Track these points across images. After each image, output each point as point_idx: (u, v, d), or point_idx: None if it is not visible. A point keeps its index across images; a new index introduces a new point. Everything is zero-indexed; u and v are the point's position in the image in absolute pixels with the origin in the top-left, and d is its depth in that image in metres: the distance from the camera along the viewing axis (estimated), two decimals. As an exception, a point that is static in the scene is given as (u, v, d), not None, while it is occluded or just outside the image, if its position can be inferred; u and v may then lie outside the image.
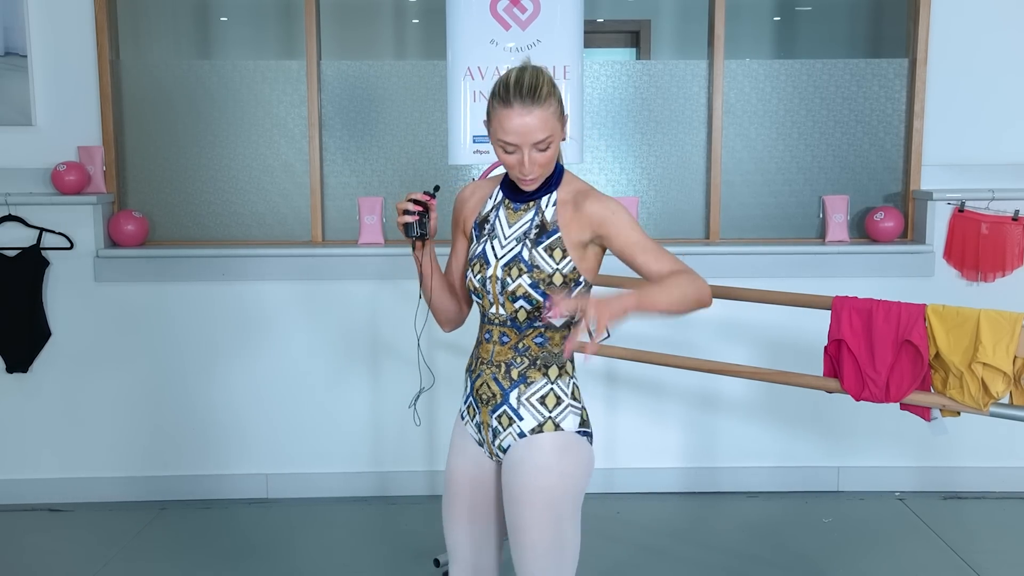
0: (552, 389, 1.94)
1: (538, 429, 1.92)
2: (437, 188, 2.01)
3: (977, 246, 3.81)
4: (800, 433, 3.95)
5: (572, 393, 1.96)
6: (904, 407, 2.59)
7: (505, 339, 1.96)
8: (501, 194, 2.00)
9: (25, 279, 3.78)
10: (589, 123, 3.94)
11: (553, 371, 1.95)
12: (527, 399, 1.93)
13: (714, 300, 3.58)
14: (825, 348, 2.62)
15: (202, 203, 3.96)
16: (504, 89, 1.85)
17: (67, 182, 3.74)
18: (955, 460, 3.93)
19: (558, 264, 1.90)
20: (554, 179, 1.95)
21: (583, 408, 1.97)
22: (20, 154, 3.82)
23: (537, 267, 1.90)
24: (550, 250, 1.91)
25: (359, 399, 3.94)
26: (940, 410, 2.50)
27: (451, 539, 2.07)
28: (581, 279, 1.94)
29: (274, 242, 3.95)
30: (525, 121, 1.82)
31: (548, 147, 1.86)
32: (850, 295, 2.61)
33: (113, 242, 3.88)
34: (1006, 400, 2.41)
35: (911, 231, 3.96)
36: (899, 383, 2.50)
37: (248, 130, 3.94)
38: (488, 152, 3.85)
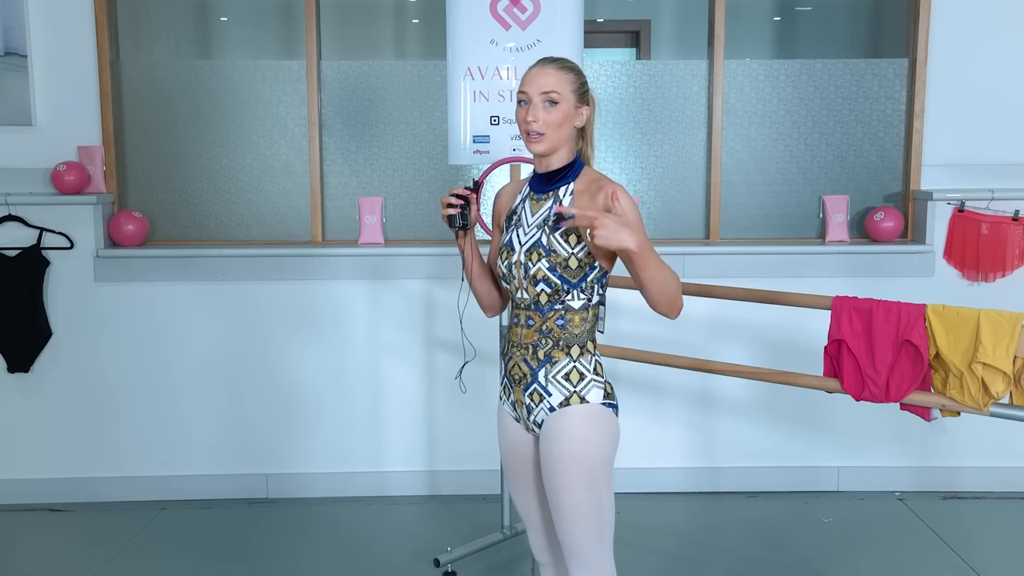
0: (575, 367, 2.08)
1: (565, 403, 2.07)
2: (476, 183, 2.21)
3: (977, 246, 3.81)
4: (800, 433, 3.95)
5: (595, 369, 2.11)
6: (904, 407, 2.59)
7: (531, 322, 2.10)
8: (528, 188, 2.17)
9: (25, 279, 3.78)
10: (589, 123, 3.94)
11: (575, 351, 2.09)
12: (553, 376, 2.08)
13: (714, 300, 3.60)
14: (825, 348, 2.62)
15: (202, 203, 3.96)
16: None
17: (67, 182, 3.74)
18: (955, 460, 3.93)
19: (573, 249, 2.03)
20: (573, 171, 2.10)
21: (606, 382, 2.12)
22: (20, 154, 3.82)
23: (554, 251, 2.03)
24: (566, 235, 2.03)
25: (359, 399, 3.94)
26: (940, 410, 2.50)
27: (520, 508, 2.26)
28: (596, 264, 2.06)
29: (274, 242, 3.95)
30: (539, 73, 2.05)
31: (556, 105, 2.03)
32: (850, 295, 2.61)
33: (113, 242, 3.88)
34: (1006, 400, 2.41)
35: (911, 231, 3.96)
36: (899, 383, 2.50)
37: (248, 130, 3.94)
38: (488, 152, 3.85)
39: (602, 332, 2.15)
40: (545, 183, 2.11)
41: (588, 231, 1.87)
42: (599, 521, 2.05)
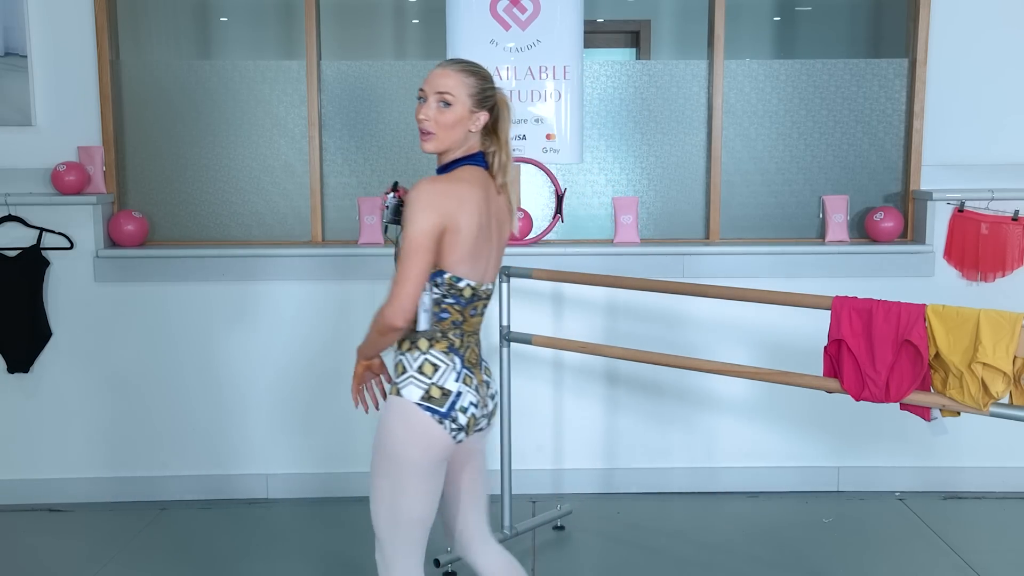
0: (401, 360, 2.15)
1: (391, 392, 2.16)
2: (395, 183, 2.30)
3: (977, 246, 3.81)
4: (800, 433, 3.95)
5: (420, 368, 2.12)
6: (904, 407, 2.58)
7: None
8: None
9: (25, 279, 3.78)
10: (589, 123, 3.95)
11: (405, 344, 2.15)
12: (393, 364, 2.20)
13: (714, 300, 3.60)
14: (825, 348, 2.62)
15: (202, 203, 3.96)
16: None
17: (67, 182, 3.74)
18: (955, 460, 3.93)
19: (399, 241, 2.14)
20: (448, 170, 2.15)
21: (432, 384, 2.10)
22: (20, 154, 3.82)
23: (394, 241, 2.18)
24: (400, 226, 2.16)
25: (359, 399, 3.94)
26: (940, 410, 2.50)
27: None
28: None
29: (274, 242, 3.95)
30: (440, 73, 2.11)
31: (449, 107, 2.09)
32: (850, 295, 2.61)
33: (113, 242, 3.88)
34: (1006, 400, 2.41)
35: (911, 231, 3.96)
36: (899, 383, 2.50)
37: (248, 130, 3.94)
38: (488, 152, 3.85)
39: (423, 328, 2.10)
40: None
41: None
42: (394, 513, 2.13)
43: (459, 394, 2.12)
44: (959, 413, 2.49)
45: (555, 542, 3.55)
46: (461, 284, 2.10)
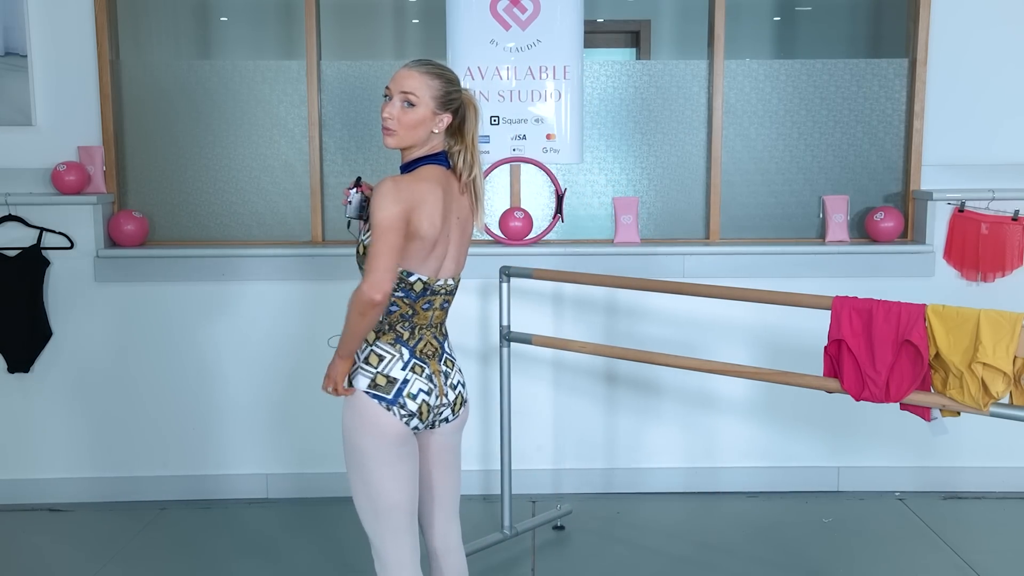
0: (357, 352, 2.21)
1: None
2: (359, 178, 2.35)
3: (977, 246, 3.81)
4: (800, 433, 3.95)
5: (366, 359, 2.19)
6: (904, 407, 2.59)
7: None
8: None
9: (25, 279, 3.78)
10: (589, 123, 3.95)
11: (371, 336, 2.20)
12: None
13: (714, 300, 3.59)
14: (825, 348, 2.62)
15: (202, 203, 3.96)
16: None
17: (67, 182, 3.74)
18: (955, 460, 3.93)
19: (361, 236, 2.20)
20: (411, 168, 2.18)
21: (377, 373, 2.18)
22: (20, 154, 3.82)
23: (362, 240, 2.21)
24: (364, 222, 2.24)
25: (359, 399, 3.94)
26: (940, 410, 2.50)
27: None
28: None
29: (274, 242, 3.95)
30: (405, 74, 2.15)
31: (412, 107, 2.13)
32: (850, 295, 2.61)
33: (113, 242, 3.88)
34: (1006, 400, 2.41)
35: (911, 231, 3.96)
36: (899, 383, 2.50)
37: (248, 130, 3.94)
38: (488, 152, 3.86)
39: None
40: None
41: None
42: (371, 503, 2.18)
43: (406, 381, 2.18)
44: (959, 413, 2.49)
45: (555, 542, 3.55)
46: (412, 279, 2.15)
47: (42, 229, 3.79)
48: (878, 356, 2.50)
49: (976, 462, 3.94)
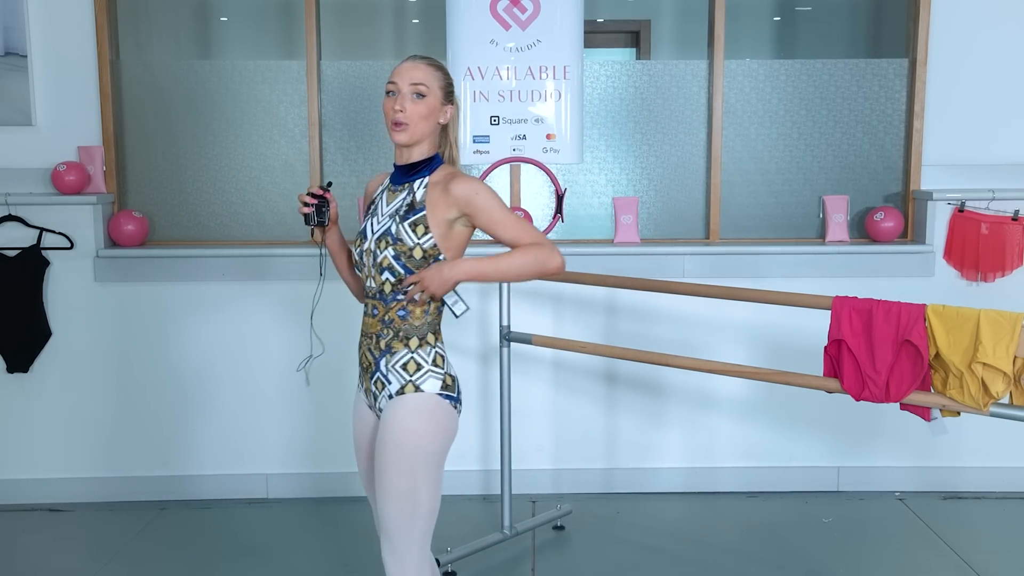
0: (412, 357, 2.15)
1: (400, 391, 2.14)
2: (330, 184, 2.34)
3: (977, 246, 3.81)
4: (800, 433, 3.95)
5: (434, 360, 2.17)
6: (904, 407, 2.59)
7: (375, 312, 2.19)
8: (388, 180, 2.27)
9: (25, 279, 3.78)
10: (589, 123, 3.95)
11: (414, 342, 2.16)
12: (393, 366, 2.16)
13: (714, 300, 3.59)
14: (825, 348, 2.62)
15: (202, 203, 3.96)
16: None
17: (67, 182, 3.74)
18: (955, 460, 3.93)
19: (419, 239, 2.11)
20: (432, 166, 2.19)
21: (446, 374, 2.18)
22: (20, 154, 3.82)
23: (400, 240, 2.12)
24: (414, 226, 2.12)
25: (359, 399, 3.94)
26: (940, 410, 2.50)
27: (365, 486, 2.32)
28: (441, 256, 2.14)
29: (274, 242, 3.95)
30: (411, 67, 2.15)
31: (423, 98, 2.13)
32: (850, 295, 2.61)
33: (113, 242, 3.88)
34: (1006, 400, 2.41)
35: (911, 231, 3.96)
36: (899, 383, 2.50)
37: (248, 130, 3.94)
38: (488, 152, 3.86)
39: (457, 316, 2.17)
40: (403, 175, 2.20)
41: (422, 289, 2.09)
42: (413, 509, 2.11)
43: (455, 378, 2.22)
44: (959, 413, 2.49)
45: (555, 542, 3.55)
46: None
47: (42, 229, 3.79)
48: (878, 356, 2.50)
49: (976, 462, 3.94)
